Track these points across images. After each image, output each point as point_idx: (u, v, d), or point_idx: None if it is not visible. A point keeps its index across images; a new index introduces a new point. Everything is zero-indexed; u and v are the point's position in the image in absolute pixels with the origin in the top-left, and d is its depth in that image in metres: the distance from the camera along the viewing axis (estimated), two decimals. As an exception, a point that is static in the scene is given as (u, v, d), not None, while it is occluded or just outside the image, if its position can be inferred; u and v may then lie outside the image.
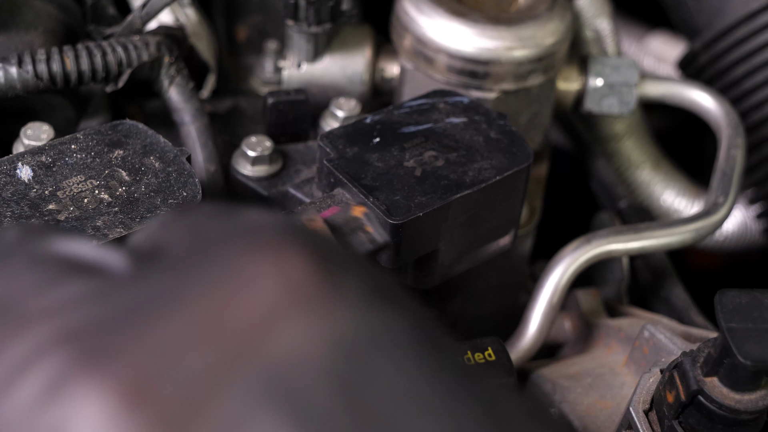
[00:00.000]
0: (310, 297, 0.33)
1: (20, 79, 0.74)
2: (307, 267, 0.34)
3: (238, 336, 0.32)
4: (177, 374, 0.31)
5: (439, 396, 0.32)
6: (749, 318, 0.59)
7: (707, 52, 1.05)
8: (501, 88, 0.87)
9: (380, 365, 0.32)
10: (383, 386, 0.32)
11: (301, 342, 0.32)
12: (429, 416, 0.32)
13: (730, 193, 0.88)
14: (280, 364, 0.31)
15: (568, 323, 0.89)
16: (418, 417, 0.31)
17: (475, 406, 0.33)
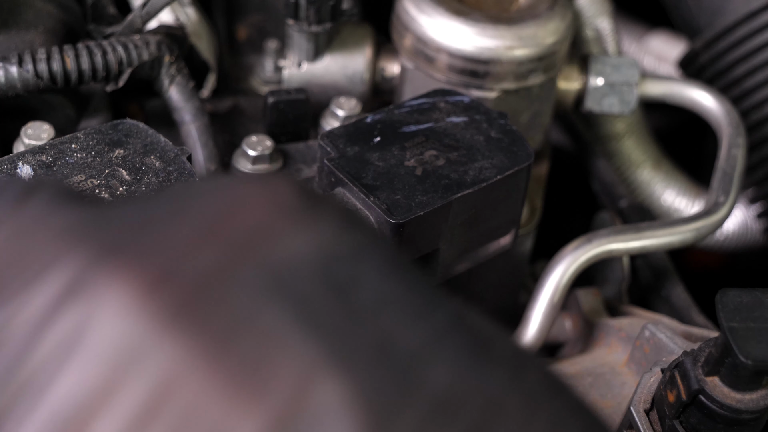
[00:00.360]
0: (298, 212, 0.37)
1: (21, 79, 0.74)
2: (292, 192, 0.38)
3: (239, 239, 0.35)
4: (189, 268, 0.34)
5: (415, 300, 0.36)
6: (750, 317, 0.59)
7: (708, 51, 1.05)
8: (502, 88, 0.87)
9: (364, 270, 0.36)
10: (367, 289, 0.35)
11: (294, 247, 0.35)
12: (408, 314, 0.35)
13: (731, 193, 0.87)
14: (278, 264, 0.35)
15: (569, 323, 0.89)
16: (398, 314, 0.35)
17: (446, 310, 0.37)
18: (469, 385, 0.35)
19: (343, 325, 0.34)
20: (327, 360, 0.33)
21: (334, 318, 0.34)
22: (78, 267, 0.34)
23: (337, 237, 0.37)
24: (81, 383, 0.32)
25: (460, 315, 0.37)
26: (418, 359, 0.34)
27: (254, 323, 0.33)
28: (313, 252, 0.36)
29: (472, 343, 0.36)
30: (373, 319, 0.35)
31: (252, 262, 0.34)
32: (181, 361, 0.32)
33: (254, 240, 0.35)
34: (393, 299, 0.36)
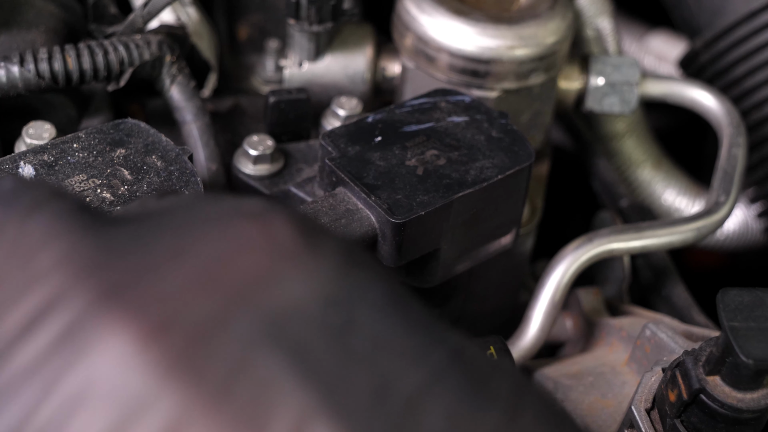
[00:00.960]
0: (295, 256, 0.37)
1: (22, 78, 0.74)
2: (288, 231, 0.38)
3: (236, 286, 0.36)
4: (187, 318, 0.34)
5: (411, 341, 0.37)
6: (751, 317, 0.59)
7: (708, 51, 1.05)
8: (502, 87, 0.87)
9: (361, 315, 0.37)
10: (364, 332, 0.36)
11: (290, 292, 0.36)
12: (404, 357, 0.36)
13: (732, 192, 0.88)
14: (274, 311, 0.35)
15: (570, 322, 0.89)
16: (394, 357, 0.36)
17: (443, 351, 0.37)
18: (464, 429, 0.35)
19: (338, 370, 0.35)
20: (321, 405, 0.34)
21: (329, 363, 0.35)
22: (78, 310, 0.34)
23: (334, 279, 0.37)
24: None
25: (458, 352, 0.38)
26: (413, 404, 0.35)
27: (250, 371, 0.34)
28: (309, 297, 0.36)
29: (468, 383, 0.37)
30: (368, 363, 0.35)
31: (248, 309, 0.35)
32: (183, 410, 0.33)
33: (251, 287, 0.36)
34: (389, 342, 0.36)
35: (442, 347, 0.37)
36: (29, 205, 0.38)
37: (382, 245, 0.68)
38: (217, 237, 0.37)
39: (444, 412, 0.35)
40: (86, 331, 0.34)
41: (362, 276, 0.38)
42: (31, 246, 0.36)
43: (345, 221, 0.67)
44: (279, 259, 0.37)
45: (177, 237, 0.37)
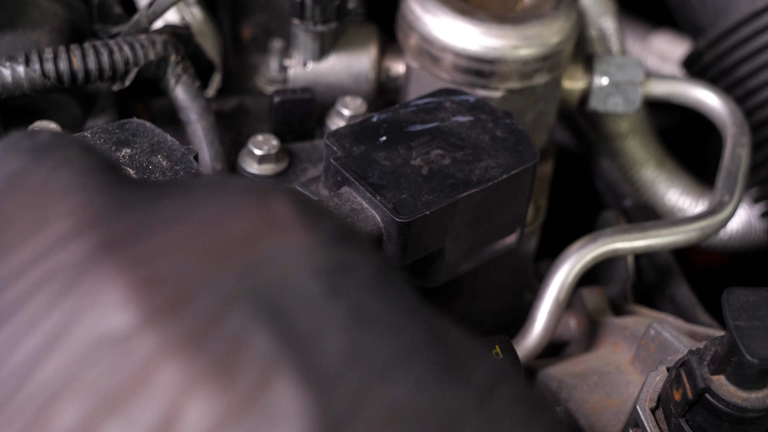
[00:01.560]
0: (288, 227, 0.38)
1: (27, 78, 0.74)
2: (286, 205, 0.39)
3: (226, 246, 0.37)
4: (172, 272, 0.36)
5: (392, 317, 0.38)
6: (756, 316, 0.59)
7: (711, 50, 1.05)
8: (507, 87, 0.87)
9: (344, 287, 0.38)
10: (344, 302, 0.37)
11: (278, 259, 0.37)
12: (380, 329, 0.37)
13: (736, 192, 0.88)
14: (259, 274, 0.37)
15: (574, 322, 0.89)
16: (370, 328, 0.37)
17: (422, 329, 0.38)
18: (428, 403, 0.36)
19: (312, 332, 0.36)
20: (289, 361, 0.35)
21: (304, 325, 0.36)
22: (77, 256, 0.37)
23: (323, 252, 0.38)
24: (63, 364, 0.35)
25: (439, 334, 0.38)
26: (381, 372, 0.36)
27: (225, 324, 0.35)
28: (295, 265, 0.37)
29: (443, 362, 0.37)
30: (344, 330, 0.36)
31: (233, 269, 0.37)
32: (157, 352, 0.35)
33: (239, 249, 0.37)
34: (368, 313, 0.37)
35: (422, 326, 0.38)
36: (60, 158, 0.40)
37: (388, 245, 0.68)
38: (217, 204, 0.39)
39: (412, 384, 0.36)
40: (80, 276, 0.36)
41: (352, 252, 0.39)
42: (52, 195, 0.39)
43: (350, 221, 0.67)
44: (271, 227, 0.38)
45: (181, 200, 0.40)
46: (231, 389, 0.34)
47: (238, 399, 0.34)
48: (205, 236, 0.38)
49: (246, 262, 0.37)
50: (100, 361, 0.34)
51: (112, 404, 0.34)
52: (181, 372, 0.34)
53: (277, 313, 0.36)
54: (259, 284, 0.36)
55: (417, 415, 0.35)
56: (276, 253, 0.37)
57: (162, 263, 0.36)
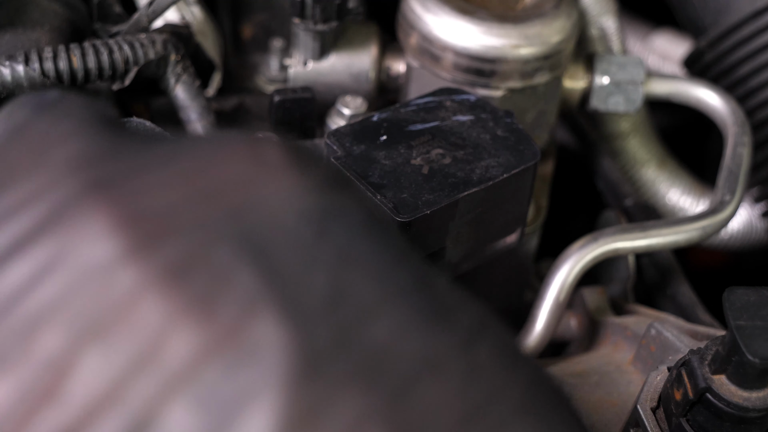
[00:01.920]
0: (278, 171, 0.39)
1: (27, 77, 0.74)
2: (278, 152, 0.39)
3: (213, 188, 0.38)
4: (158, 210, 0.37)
5: (379, 262, 0.38)
6: (758, 316, 0.59)
7: (713, 50, 1.05)
8: (507, 86, 0.87)
9: (332, 230, 0.37)
10: (331, 245, 0.37)
11: (266, 202, 0.37)
12: (366, 272, 0.37)
13: (737, 191, 0.87)
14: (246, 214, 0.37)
15: (575, 321, 0.89)
16: (356, 271, 0.37)
17: (409, 275, 0.38)
18: (410, 346, 0.35)
19: (296, 273, 0.36)
20: (271, 298, 0.35)
21: (289, 265, 0.36)
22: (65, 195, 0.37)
23: (313, 196, 0.38)
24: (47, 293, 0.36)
25: (426, 280, 0.38)
26: (364, 314, 0.35)
27: (208, 260, 0.35)
28: (284, 208, 0.37)
29: (428, 308, 0.37)
30: (328, 272, 0.36)
31: (219, 209, 0.37)
32: (139, 284, 0.35)
33: (226, 191, 0.38)
34: (355, 257, 0.37)
35: (409, 271, 0.38)
36: (62, 111, 0.42)
37: (388, 244, 0.68)
38: (208, 149, 0.40)
39: (394, 327, 0.36)
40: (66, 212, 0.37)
41: (342, 197, 0.39)
42: (51, 143, 0.40)
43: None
44: (262, 171, 0.38)
45: (173, 146, 0.40)
46: (212, 323, 0.34)
47: (219, 333, 0.34)
48: (195, 178, 0.38)
49: (234, 203, 0.37)
50: (84, 291, 0.35)
51: (94, 333, 0.34)
52: (163, 304, 0.34)
53: (263, 252, 0.36)
54: (246, 224, 0.36)
55: (399, 357, 0.35)
56: (265, 196, 0.38)
57: (149, 200, 0.37)
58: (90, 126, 0.41)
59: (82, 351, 0.34)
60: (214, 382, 0.33)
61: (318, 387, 0.33)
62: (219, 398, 0.33)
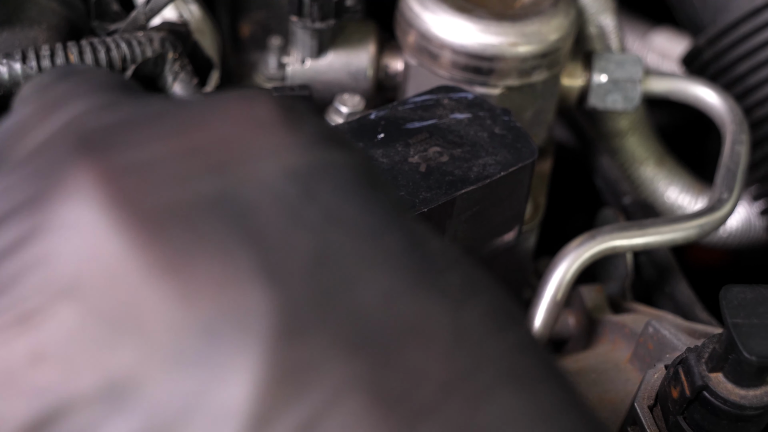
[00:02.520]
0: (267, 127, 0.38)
1: (24, 75, 0.74)
2: (270, 107, 0.39)
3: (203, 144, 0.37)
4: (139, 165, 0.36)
5: (367, 223, 0.36)
6: (754, 313, 0.59)
7: (711, 48, 1.05)
8: (505, 84, 0.87)
9: (320, 189, 0.36)
10: (318, 205, 0.36)
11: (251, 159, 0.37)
12: (354, 233, 0.36)
13: (735, 189, 0.87)
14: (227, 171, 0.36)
15: (572, 319, 0.89)
16: (343, 231, 0.36)
17: (399, 235, 0.37)
18: (393, 309, 0.34)
19: (280, 233, 0.35)
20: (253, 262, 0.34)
21: (272, 226, 0.35)
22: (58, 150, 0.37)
23: (302, 154, 0.37)
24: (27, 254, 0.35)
25: (417, 240, 0.37)
26: (350, 276, 0.35)
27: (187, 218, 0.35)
28: (270, 167, 0.37)
29: (417, 270, 0.36)
30: (314, 232, 0.35)
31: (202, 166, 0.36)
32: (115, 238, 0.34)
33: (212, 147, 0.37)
34: (342, 217, 0.36)
35: (399, 232, 0.37)
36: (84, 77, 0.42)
37: (385, 242, 0.68)
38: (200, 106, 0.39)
39: (381, 290, 0.35)
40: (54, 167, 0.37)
41: (333, 154, 0.38)
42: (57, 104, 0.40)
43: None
44: (251, 127, 0.38)
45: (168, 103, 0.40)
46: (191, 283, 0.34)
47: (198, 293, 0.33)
48: (182, 134, 0.38)
49: (219, 160, 0.36)
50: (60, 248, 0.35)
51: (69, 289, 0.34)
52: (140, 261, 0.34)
53: (243, 212, 0.35)
54: (229, 182, 0.36)
55: (383, 322, 0.34)
56: (252, 153, 0.37)
57: (133, 155, 0.36)
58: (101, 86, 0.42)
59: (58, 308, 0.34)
60: (192, 343, 0.33)
61: (300, 350, 0.33)
62: (198, 360, 0.33)
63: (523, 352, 0.36)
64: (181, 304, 0.33)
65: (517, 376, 0.35)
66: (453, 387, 0.34)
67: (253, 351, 0.33)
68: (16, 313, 0.34)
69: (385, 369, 0.33)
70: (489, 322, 0.36)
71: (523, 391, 0.35)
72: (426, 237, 0.38)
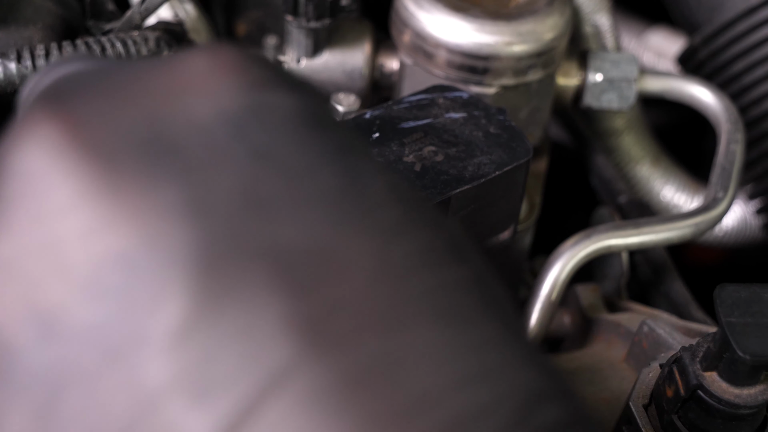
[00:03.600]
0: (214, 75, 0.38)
1: (19, 75, 0.74)
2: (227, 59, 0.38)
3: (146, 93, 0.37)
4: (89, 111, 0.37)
5: (300, 161, 0.35)
6: (748, 312, 0.59)
7: (706, 47, 1.05)
8: (500, 84, 0.87)
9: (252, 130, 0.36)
10: (248, 143, 0.35)
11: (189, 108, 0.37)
12: (283, 170, 0.35)
13: (730, 188, 0.88)
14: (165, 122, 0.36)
15: (568, 318, 0.89)
16: (271, 169, 0.35)
17: (335, 173, 0.36)
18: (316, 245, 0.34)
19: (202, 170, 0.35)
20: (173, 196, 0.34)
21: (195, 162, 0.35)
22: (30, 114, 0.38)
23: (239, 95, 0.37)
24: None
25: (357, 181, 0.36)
26: (273, 214, 0.34)
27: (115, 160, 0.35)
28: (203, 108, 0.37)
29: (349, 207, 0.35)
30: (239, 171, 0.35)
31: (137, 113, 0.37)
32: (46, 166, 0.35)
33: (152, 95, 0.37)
34: (273, 156, 0.36)
35: (335, 170, 0.36)
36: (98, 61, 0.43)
37: (380, 241, 0.68)
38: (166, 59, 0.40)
39: (304, 225, 0.34)
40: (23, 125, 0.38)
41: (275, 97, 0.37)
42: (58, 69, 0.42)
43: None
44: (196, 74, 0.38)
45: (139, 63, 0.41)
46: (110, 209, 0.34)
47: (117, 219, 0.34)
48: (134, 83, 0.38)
49: (155, 106, 0.37)
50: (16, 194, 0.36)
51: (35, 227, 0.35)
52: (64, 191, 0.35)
53: (172, 151, 0.35)
54: (161, 124, 0.36)
55: (303, 256, 0.34)
56: (188, 98, 0.37)
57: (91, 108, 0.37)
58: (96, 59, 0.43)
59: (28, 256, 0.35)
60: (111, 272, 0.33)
61: (219, 280, 0.33)
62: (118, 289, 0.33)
63: (459, 290, 0.35)
64: (102, 233, 0.34)
65: (442, 312, 0.34)
66: (369, 320, 0.33)
67: (172, 279, 0.33)
68: None
69: (302, 299, 0.33)
70: (422, 258, 0.35)
71: (448, 326, 0.34)
72: (369, 176, 0.37)
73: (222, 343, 0.32)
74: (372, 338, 0.33)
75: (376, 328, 0.33)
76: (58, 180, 0.35)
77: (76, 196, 0.35)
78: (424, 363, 0.33)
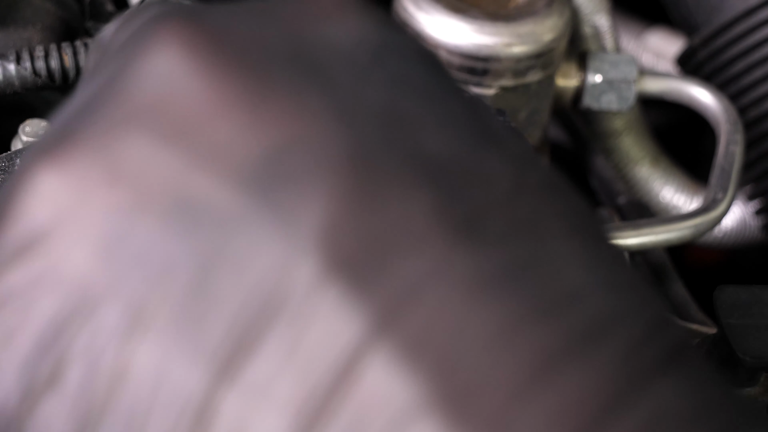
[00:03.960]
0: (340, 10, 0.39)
1: (18, 76, 0.74)
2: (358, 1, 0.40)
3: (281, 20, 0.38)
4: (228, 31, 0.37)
5: (434, 89, 0.37)
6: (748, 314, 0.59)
7: (706, 48, 1.05)
8: (500, 85, 0.87)
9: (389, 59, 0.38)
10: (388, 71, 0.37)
11: (328, 34, 0.38)
12: (421, 96, 0.37)
13: (729, 189, 0.88)
14: (308, 43, 0.37)
15: (567, 319, 0.89)
16: (412, 93, 0.37)
17: (461, 103, 0.38)
18: (459, 157, 0.35)
19: (350, 87, 0.36)
20: (320, 101, 0.35)
21: (342, 81, 0.36)
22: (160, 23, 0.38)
23: (371, 29, 0.39)
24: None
25: (479, 112, 0.38)
26: (417, 127, 0.35)
27: (263, 70, 0.36)
28: (339, 35, 0.38)
29: (481, 133, 0.37)
30: (382, 90, 0.36)
31: (281, 31, 0.37)
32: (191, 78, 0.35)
33: (293, 18, 0.38)
34: (410, 82, 0.37)
35: (462, 101, 0.38)
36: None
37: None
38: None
39: (446, 140, 0.35)
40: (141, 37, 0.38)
41: (400, 35, 0.39)
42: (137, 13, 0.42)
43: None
44: (325, 9, 0.39)
45: None
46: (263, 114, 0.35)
47: (271, 121, 0.34)
48: (264, 10, 0.39)
49: (295, 28, 0.38)
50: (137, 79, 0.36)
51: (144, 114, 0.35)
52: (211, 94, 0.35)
53: (317, 68, 0.36)
54: (304, 45, 0.37)
55: (448, 164, 0.35)
56: (324, 27, 0.38)
57: (215, 21, 0.37)
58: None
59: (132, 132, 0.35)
60: (263, 164, 0.34)
61: (372, 176, 0.34)
62: (271, 180, 0.33)
63: (585, 215, 0.37)
64: (254, 131, 0.34)
65: (579, 229, 0.36)
66: (516, 226, 0.34)
67: (327, 173, 0.33)
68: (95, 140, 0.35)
69: (453, 199, 0.34)
70: (551, 186, 0.37)
71: (586, 240, 0.35)
72: (489, 113, 0.39)
73: (378, 231, 0.33)
74: (521, 241, 0.34)
75: (524, 233, 0.34)
76: (204, 83, 0.35)
77: (225, 99, 0.35)
78: (571, 266, 0.34)
